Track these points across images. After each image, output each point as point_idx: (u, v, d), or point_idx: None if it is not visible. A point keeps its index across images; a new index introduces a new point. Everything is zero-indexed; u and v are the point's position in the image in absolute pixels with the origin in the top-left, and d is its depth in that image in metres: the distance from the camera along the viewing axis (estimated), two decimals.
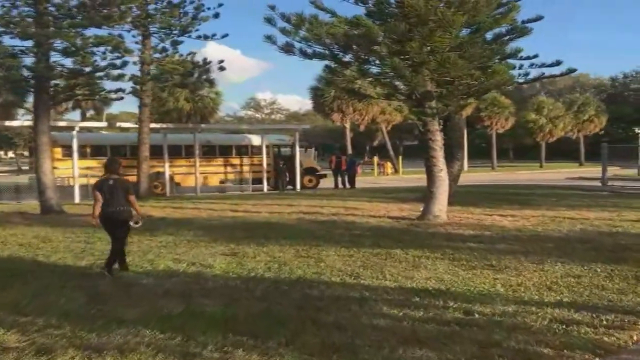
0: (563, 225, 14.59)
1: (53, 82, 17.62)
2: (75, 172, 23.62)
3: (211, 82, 40.97)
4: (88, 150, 26.50)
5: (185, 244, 11.91)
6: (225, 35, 24.93)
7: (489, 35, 15.71)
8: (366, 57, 15.86)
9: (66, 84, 17.80)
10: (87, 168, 25.71)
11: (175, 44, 23.91)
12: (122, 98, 19.05)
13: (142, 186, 23.40)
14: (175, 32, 23.70)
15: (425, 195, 16.82)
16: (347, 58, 16.05)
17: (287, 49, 15.14)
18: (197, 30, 23.94)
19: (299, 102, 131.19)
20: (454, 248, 11.16)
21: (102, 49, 18.55)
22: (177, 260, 9.97)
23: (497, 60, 15.74)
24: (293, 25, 14.76)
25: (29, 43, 16.69)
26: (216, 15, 23.89)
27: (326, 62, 16.13)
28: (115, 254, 9.15)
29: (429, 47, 14.70)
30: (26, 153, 42.73)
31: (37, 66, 16.51)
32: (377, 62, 15.67)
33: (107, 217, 9.00)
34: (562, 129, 57.79)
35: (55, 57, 17.37)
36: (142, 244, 11.91)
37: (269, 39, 14.93)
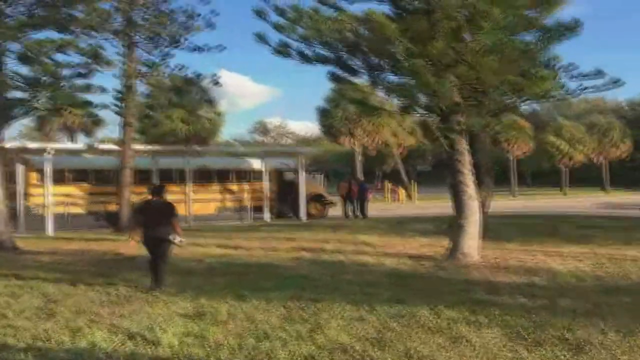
0: (627, 267, 11.69)
1: (9, 93, 14.88)
2: (48, 200, 20.81)
3: (211, 102, 38.74)
4: (67, 175, 23.72)
5: (141, 296, 9.00)
6: (223, 48, 21.87)
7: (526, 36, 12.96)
8: (379, 61, 13.08)
9: (23, 97, 15.04)
10: (66, 195, 23.01)
11: (164, 57, 21.25)
12: (96, 115, 16.25)
13: (123, 216, 20.50)
14: (163, 42, 21.02)
15: (450, 227, 13.94)
16: (356, 63, 13.28)
17: (282, 49, 12.39)
18: (186, 41, 21.23)
19: (310, 128, 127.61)
20: (502, 306, 8.21)
21: (78, 59, 16.01)
22: (113, 328, 7.03)
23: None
24: (289, 20, 12.01)
25: None
26: (210, 25, 21.23)
27: (330, 68, 13.32)
28: (162, 271, 9.60)
29: (456, 48, 11.94)
30: None
31: None
32: (392, 66, 12.87)
33: (150, 238, 9.58)
34: (583, 152, 54.61)
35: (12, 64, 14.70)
36: (85, 297, 9.03)
37: (260, 37, 12.19)
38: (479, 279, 10.53)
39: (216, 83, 22.47)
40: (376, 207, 33.41)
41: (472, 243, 12.57)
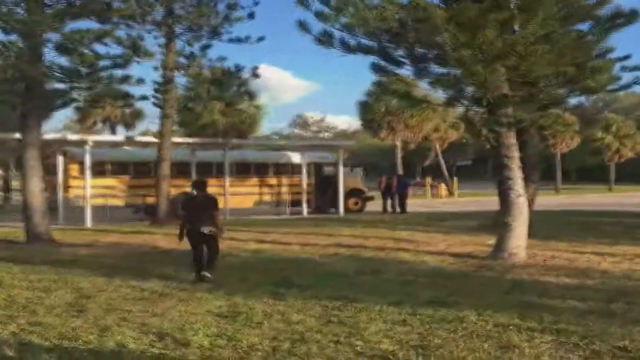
0: None
1: (49, 85, 14.77)
2: (87, 192, 20.80)
3: (251, 95, 38.36)
4: (107, 167, 23.78)
5: (175, 293, 8.73)
6: (262, 39, 21.58)
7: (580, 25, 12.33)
8: (424, 51, 12.58)
9: (62, 88, 14.93)
10: (106, 187, 23.06)
11: (204, 48, 21.01)
12: (131, 105, 16.08)
13: (161, 209, 20.39)
14: (203, 33, 20.81)
15: (496, 224, 13.42)
16: (400, 53, 12.80)
17: (325, 39, 11.97)
18: (227, 32, 21.01)
19: (349, 122, 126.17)
20: (553, 310, 7.67)
21: (116, 50, 15.95)
22: (144, 328, 6.74)
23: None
24: (333, 8, 11.57)
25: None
26: (251, 15, 20.93)
27: (373, 58, 12.83)
28: (213, 262, 9.80)
29: (506, 38, 11.38)
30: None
31: (17, 63, 13.65)
32: (438, 57, 12.37)
33: (195, 232, 9.66)
34: (632, 149, 52.91)
35: (51, 56, 14.60)
36: (118, 293, 8.79)
37: (302, 26, 11.79)
38: (528, 280, 9.98)
39: (255, 75, 22.19)
40: (416, 203, 32.87)
41: (519, 242, 12.00)
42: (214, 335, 6.45)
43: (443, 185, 44.41)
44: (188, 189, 24.48)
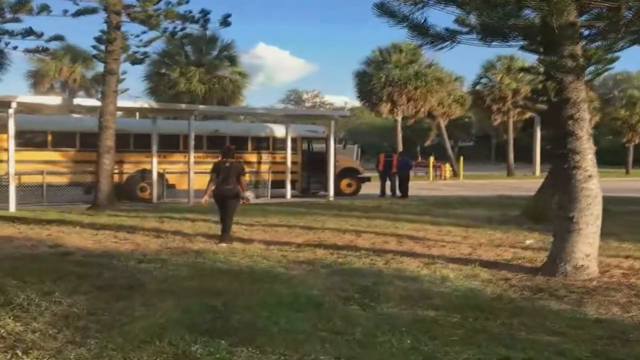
0: None
1: None
2: (10, 166, 16.58)
3: (232, 60, 34.18)
4: (47, 138, 19.49)
5: (9, 343, 4.64)
6: None
7: None
8: None
9: None
10: (45, 162, 18.91)
11: None
12: (42, 50, 11.97)
13: (101, 190, 16.08)
14: None
15: (527, 215, 9.34)
16: None
17: None
18: None
19: (346, 102, 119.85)
20: None
21: None
22: None
23: None
24: None
25: None
26: None
27: None
28: (228, 226, 10.52)
29: None
30: None
31: None
32: None
33: (220, 194, 10.46)
34: None
35: None
36: None
37: None
38: (628, 322, 5.88)
39: (226, 23, 17.79)
40: (418, 185, 28.74)
41: (589, 249, 7.84)
42: None
43: (447, 166, 40.26)
44: (147, 166, 20.75)
